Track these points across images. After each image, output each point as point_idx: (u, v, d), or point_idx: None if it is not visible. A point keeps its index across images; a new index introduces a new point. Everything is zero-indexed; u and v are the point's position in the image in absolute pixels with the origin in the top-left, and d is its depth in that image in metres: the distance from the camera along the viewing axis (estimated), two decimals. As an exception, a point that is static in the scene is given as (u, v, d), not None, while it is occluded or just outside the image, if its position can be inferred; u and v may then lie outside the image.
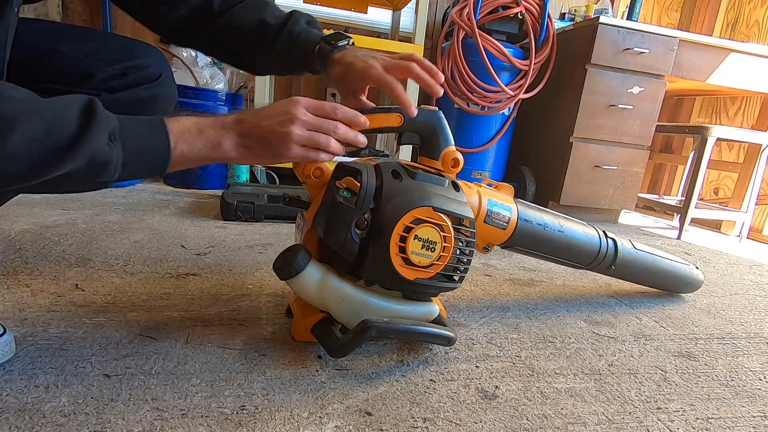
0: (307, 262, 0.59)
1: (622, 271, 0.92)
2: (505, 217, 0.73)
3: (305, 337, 0.65)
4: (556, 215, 0.82)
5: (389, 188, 0.58)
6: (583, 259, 0.86)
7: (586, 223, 0.87)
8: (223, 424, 0.48)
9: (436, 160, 0.65)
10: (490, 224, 0.72)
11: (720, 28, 2.37)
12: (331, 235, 0.57)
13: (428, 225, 0.59)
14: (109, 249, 0.96)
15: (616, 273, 0.92)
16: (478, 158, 1.91)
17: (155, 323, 0.67)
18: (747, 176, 1.99)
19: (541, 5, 1.74)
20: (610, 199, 1.88)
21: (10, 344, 0.55)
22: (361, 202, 0.56)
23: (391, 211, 0.57)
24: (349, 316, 0.62)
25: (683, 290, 1.05)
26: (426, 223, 0.58)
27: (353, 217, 0.57)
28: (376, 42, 1.61)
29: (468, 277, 1.03)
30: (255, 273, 0.91)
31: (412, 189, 0.59)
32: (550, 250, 0.82)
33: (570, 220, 0.84)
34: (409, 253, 0.59)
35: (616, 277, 0.94)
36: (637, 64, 1.75)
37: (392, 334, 0.60)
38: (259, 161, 0.57)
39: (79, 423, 0.46)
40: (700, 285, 1.05)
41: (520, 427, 0.53)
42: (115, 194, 1.48)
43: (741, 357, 0.78)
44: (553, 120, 1.93)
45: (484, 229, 0.72)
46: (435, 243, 0.59)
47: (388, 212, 0.57)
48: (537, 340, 0.76)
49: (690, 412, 0.60)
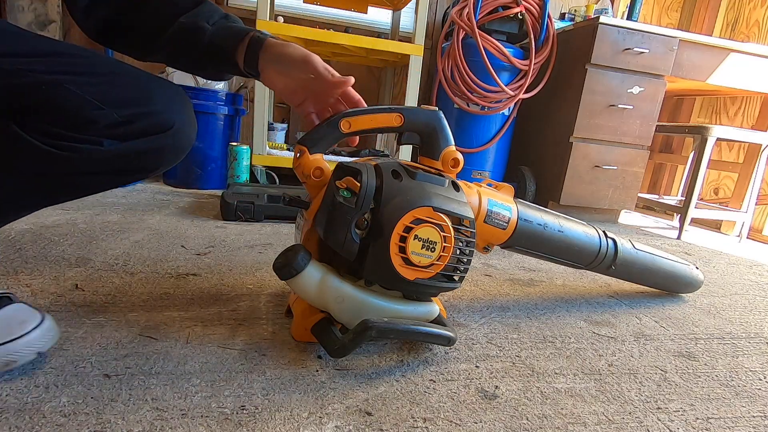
0: (307, 262, 0.59)
1: (622, 271, 0.92)
2: (505, 217, 0.73)
3: (305, 337, 0.65)
4: (556, 215, 0.82)
5: (389, 188, 0.58)
6: (583, 259, 0.86)
7: (586, 224, 0.87)
8: (223, 424, 0.48)
9: (436, 160, 0.65)
10: (490, 224, 0.72)
11: (720, 28, 2.37)
12: (331, 234, 0.57)
13: (428, 225, 0.59)
14: (109, 249, 0.96)
15: (616, 273, 0.92)
16: (478, 158, 1.91)
17: (155, 323, 0.67)
18: (747, 176, 1.99)
19: (541, 5, 1.74)
20: (610, 199, 1.88)
21: (52, 329, 0.54)
22: (361, 202, 0.56)
23: (391, 211, 0.57)
24: (349, 316, 0.62)
25: (683, 290, 1.05)
26: (426, 223, 0.58)
27: (353, 217, 0.57)
28: (376, 42, 1.61)
29: (468, 277, 1.03)
30: (255, 273, 0.91)
31: (412, 189, 0.59)
32: (550, 250, 0.82)
33: (570, 220, 0.84)
34: (409, 253, 0.59)
35: (616, 277, 0.94)
36: (637, 64, 1.75)
37: (392, 334, 0.60)
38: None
39: (79, 423, 0.46)
40: (700, 285, 1.05)
41: (520, 427, 0.53)
42: (115, 194, 1.48)
43: (741, 357, 0.78)
44: (553, 120, 1.93)
45: (485, 229, 0.72)
46: (435, 243, 0.59)
47: (388, 212, 0.57)
48: (537, 340, 0.76)
49: (690, 412, 0.60)
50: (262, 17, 1.49)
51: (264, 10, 1.50)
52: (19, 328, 0.51)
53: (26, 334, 0.51)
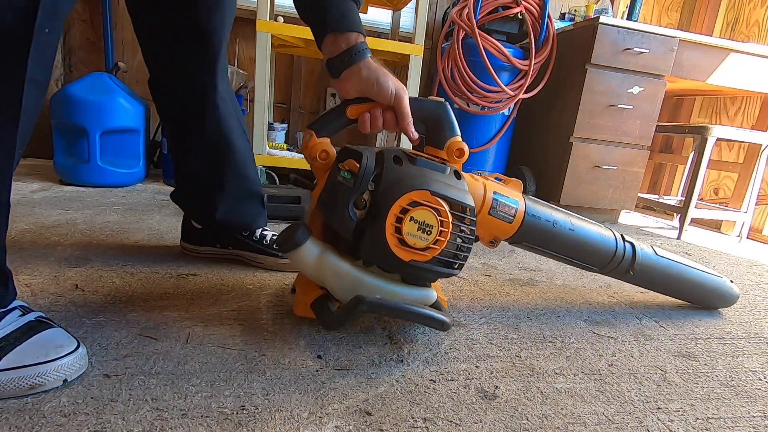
0: (307, 238, 0.61)
1: (643, 277, 0.88)
2: (511, 210, 0.72)
3: (305, 312, 0.66)
4: (567, 213, 0.80)
5: (389, 172, 0.59)
6: (596, 261, 0.83)
7: (601, 225, 0.85)
8: (223, 424, 0.48)
9: (441, 149, 0.66)
10: (495, 216, 0.71)
11: (720, 28, 2.37)
12: (330, 213, 0.60)
13: (425, 208, 0.59)
14: (109, 249, 0.96)
15: (637, 279, 0.89)
16: (478, 158, 1.91)
17: (155, 323, 0.67)
18: (747, 176, 1.99)
19: (541, 5, 1.74)
20: (610, 199, 1.88)
21: (83, 358, 0.54)
22: (359, 183, 0.58)
23: (389, 193, 0.59)
24: (344, 292, 0.62)
25: (716, 304, 0.97)
26: (422, 206, 0.59)
27: (351, 196, 0.59)
28: (376, 42, 1.61)
29: (468, 277, 1.03)
30: (255, 273, 0.91)
31: (411, 173, 0.60)
32: (561, 249, 0.79)
33: (582, 220, 0.82)
34: (405, 234, 0.59)
35: (639, 285, 0.91)
36: (637, 64, 1.75)
37: (383, 310, 0.60)
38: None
39: (79, 423, 0.46)
40: (736, 299, 0.97)
41: (520, 427, 0.53)
42: (115, 194, 1.48)
43: (741, 357, 0.78)
44: (553, 120, 1.93)
45: (490, 222, 0.71)
46: (431, 226, 0.60)
47: (386, 194, 0.59)
48: (537, 340, 0.76)
49: (690, 412, 0.60)
50: (262, 17, 1.49)
51: (264, 10, 1.50)
52: (54, 352, 0.51)
53: (59, 358, 0.51)
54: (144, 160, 1.69)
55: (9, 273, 0.54)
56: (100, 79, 1.57)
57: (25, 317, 0.54)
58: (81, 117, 1.49)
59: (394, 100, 0.63)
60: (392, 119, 0.64)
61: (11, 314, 0.53)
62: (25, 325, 0.53)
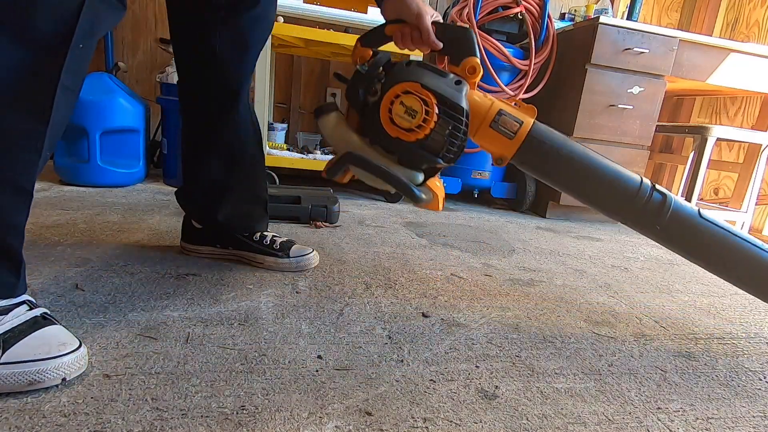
0: (332, 111, 0.75)
1: (677, 237, 0.72)
2: (513, 127, 0.73)
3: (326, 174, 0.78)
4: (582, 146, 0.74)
5: (398, 69, 0.72)
6: (610, 196, 0.72)
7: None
8: (223, 424, 0.48)
9: (457, 66, 0.75)
10: (496, 130, 0.73)
11: (720, 28, 2.37)
12: (348, 91, 0.75)
13: (413, 96, 0.70)
14: (109, 249, 0.96)
15: (667, 238, 0.73)
16: (478, 158, 1.91)
17: (155, 323, 0.67)
18: (747, 176, 1.99)
19: (541, 5, 1.74)
20: (610, 199, 1.88)
21: (84, 358, 0.54)
22: (371, 71, 0.72)
23: (390, 81, 0.71)
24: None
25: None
26: (412, 94, 0.70)
27: (362, 81, 0.73)
28: (376, 42, 1.60)
29: (468, 277, 1.03)
30: (255, 273, 0.91)
31: (413, 70, 0.72)
32: (568, 176, 0.73)
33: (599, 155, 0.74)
34: (394, 114, 0.70)
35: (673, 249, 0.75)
36: (637, 64, 1.75)
37: (367, 167, 0.70)
38: None
39: (79, 423, 0.46)
40: None
41: (520, 427, 0.53)
42: (115, 194, 1.48)
43: (741, 357, 0.78)
44: (553, 120, 1.93)
45: (491, 135, 0.74)
46: (416, 112, 0.70)
47: (388, 83, 0.71)
48: (537, 340, 0.76)
49: (690, 412, 0.60)
50: (262, 17, 1.49)
51: (264, 10, 1.49)
52: (57, 349, 0.51)
53: (61, 356, 0.51)
54: (144, 160, 1.69)
55: (23, 262, 0.55)
56: (100, 79, 1.57)
57: (31, 312, 0.54)
58: (81, 117, 1.49)
59: (416, 18, 0.74)
60: (419, 36, 0.76)
61: (20, 308, 0.54)
62: (31, 319, 0.53)
